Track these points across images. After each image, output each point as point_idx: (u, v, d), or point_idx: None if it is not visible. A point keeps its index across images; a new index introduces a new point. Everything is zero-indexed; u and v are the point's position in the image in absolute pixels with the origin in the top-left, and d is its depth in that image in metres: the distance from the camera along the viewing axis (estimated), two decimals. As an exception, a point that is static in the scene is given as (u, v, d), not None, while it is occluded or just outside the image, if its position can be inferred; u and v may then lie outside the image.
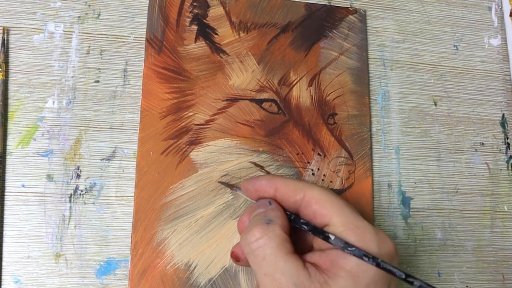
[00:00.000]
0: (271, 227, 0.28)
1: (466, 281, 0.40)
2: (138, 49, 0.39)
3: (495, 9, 0.48)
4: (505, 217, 0.42)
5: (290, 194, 0.30)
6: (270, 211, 0.29)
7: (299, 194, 0.29)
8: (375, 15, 0.45)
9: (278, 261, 0.27)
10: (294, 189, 0.29)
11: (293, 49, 0.41)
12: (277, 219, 0.29)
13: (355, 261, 0.27)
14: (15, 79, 0.37)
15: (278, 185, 0.30)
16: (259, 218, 0.29)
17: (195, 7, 0.41)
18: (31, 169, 0.36)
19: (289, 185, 0.30)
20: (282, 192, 0.30)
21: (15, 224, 0.35)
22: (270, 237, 0.28)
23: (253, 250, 0.28)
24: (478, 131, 0.44)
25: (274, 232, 0.28)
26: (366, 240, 0.27)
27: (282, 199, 0.30)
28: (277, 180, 0.30)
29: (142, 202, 0.36)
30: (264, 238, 0.28)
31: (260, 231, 0.28)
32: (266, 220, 0.29)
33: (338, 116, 0.41)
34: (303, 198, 0.29)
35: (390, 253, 0.28)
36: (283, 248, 0.27)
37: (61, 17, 0.39)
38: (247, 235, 0.28)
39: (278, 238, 0.28)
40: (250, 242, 0.28)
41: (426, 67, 0.44)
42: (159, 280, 0.35)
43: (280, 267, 0.27)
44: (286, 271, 0.27)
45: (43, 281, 0.34)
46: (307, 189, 0.29)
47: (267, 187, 0.30)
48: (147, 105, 0.38)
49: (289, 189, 0.30)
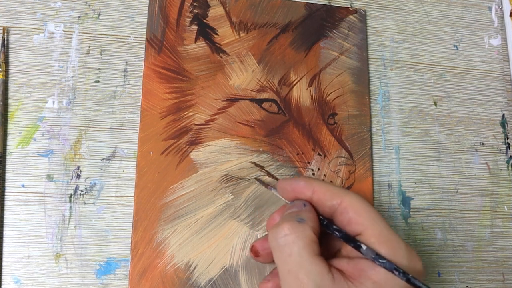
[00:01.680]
0: (302, 226, 0.28)
1: (466, 281, 0.40)
2: (138, 49, 0.39)
3: (495, 9, 0.48)
4: (505, 217, 0.42)
5: (328, 198, 0.29)
6: (303, 212, 0.29)
7: (337, 200, 0.29)
8: (375, 15, 0.45)
9: (303, 260, 0.27)
10: (332, 193, 0.29)
11: (293, 49, 0.41)
12: (309, 220, 0.29)
13: (384, 274, 0.27)
14: (15, 79, 0.37)
15: (316, 188, 0.30)
16: (292, 216, 0.29)
17: (195, 7, 0.41)
18: (31, 169, 0.36)
19: (328, 189, 0.30)
20: (320, 195, 0.30)
21: (15, 224, 0.35)
22: (299, 235, 0.27)
23: (280, 245, 0.28)
24: (478, 131, 0.44)
25: (304, 231, 0.28)
26: (397, 254, 0.27)
27: (318, 202, 0.30)
28: (315, 183, 0.30)
29: (142, 202, 0.36)
30: (293, 236, 0.27)
31: (290, 227, 0.28)
32: (298, 218, 0.28)
33: (338, 116, 0.41)
34: (340, 204, 0.29)
35: (418, 270, 0.28)
36: (310, 249, 0.27)
37: (61, 17, 0.39)
38: (277, 229, 0.28)
39: (307, 238, 0.27)
40: (278, 236, 0.28)
41: (426, 67, 0.44)
42: (159, 280, 0.35)
43: (305, 267, 0.27)
44: (311, 272, 0.26)
45: (43, 281, 0.34)
46: (345, 195, 0.29)
47: (305, 188, 0.30)
48: (147, 105, 0.38)
49: (327, 193, 0.29)
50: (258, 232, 0.37)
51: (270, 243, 0.29)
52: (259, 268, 0.36)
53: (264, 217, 0.37)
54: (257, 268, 0.36)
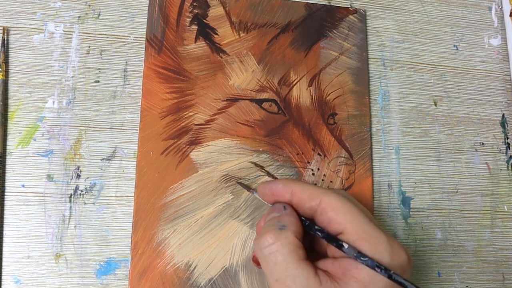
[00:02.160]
0: (284, 233, 0.28)
1: (466, 281, 0.40)
2: (138, 49, 0.39)
3: (495, 9, 0.48)
4: (505, 217, 0.42)
5: (306, 199, 0.29)
6: (284, 217, 0.29)
7: (315, 200, 0.29)
8: (375, 15, 0.45)
9: (289, 267, 0.27)
10: (310, 194, 0.29)
11: (293, 49, 0.41)
12: (291, 225, 0.29)
13: (367, 272, 0.27)
14: (15, 79, 0.37)
15: (294, 190, 0.30)
16: (273, 224, 0.29)
17: (195, 7, 0.41)
18: (31, 169, 0.36)
19: (306, 190, 0.30)
20: (299, 197, 0.30)
21: (15, 224, 0.35)
22: (283, 243, 0.28)
23: (265, 255, 0.28)
24: (478, 131, 0.44)
25: (287, 238, 0.28)
26: (379, 250, 0.27)
27: (298, 204, 0.30)
28: (294, 185, 0.30)
29: (142, 202, 0.36)
30: (277, 244, 0.28)
31: (273, 236, 0.28)
32: (280, 225, 0.28)
33: (338, 116, 0.41)
34: (319, 204, 0.29)
35: (402, 264, 0.28)
36: (295, 255, 0.27)
37: (61, 17, 0.39)
38: (260, 240, 0.28)
39: (290, 244, 0.28)
40: (262, 247, 0.28)
41: (426, 67, 0.44)
42: (159, 280, 0.35)
43: (291, 274, 0.27)
44: (297, 277, 0.27)
45: (43, 281, 0.34)
46: (324, 195, 0.29)
47: (284, 191, 0.30)
48: (147, 105, 0.38)
49: (305, 195, 0.29)
50: (258, 232, 0.37)
51: (256, 253, 0.29)
52: (259, 268, 0.36)
53: (264, 217, 0.37)
54: (257, 268, 0.36)
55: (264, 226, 0.30)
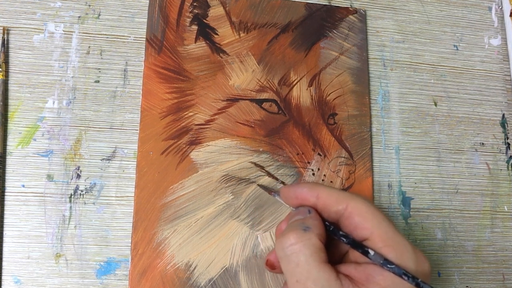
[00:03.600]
0: (308, 234, 0.28)
1: (466, 281, 0.40)
2: (138, 49, 0.39)
3: (495, 9, 0.48)
4: (505, 217, 0.42)
5: (333, 203, 0.29)
6: (308, 219, 0.29)
7: (342, 205, 0.29)
8: (375, 15, 0.45)
9: (311, 269, 0.27)
10: (337, 199, 0.29)
11: (293, 49, 0.41)
12: (315, 227, 0.28)
13: (392, 279, 0.26)
14: (15, 79, 0.37)
15: (320, 194, 0.30)
16: (296, 224, 0.29)
17: (195, 7, 0.41)
18: (31, 169, 0.36)
19: (332, 194, 0.29)
20: (324, 201, 0.29)
21: (15, 224, 0.35)
22: (306, 244, 0.27)
23: (287, 255, 0.28)
24: (478, 131, 0.44)
25: (310, 240, 0.27)
26: (404, 258, 0.27)
27: (323, 208, 0.30)
28: (319, 189, 0.30)
29: (142, 202, 0.36)
30: (300, 244, 0.27)
31: (296, 237, 0.28)
32: (304, 227, 0.28)
33: (338, 116, 0.41)
34: (345, 209, 0.29)
35: (425, 273, 0.28)
36: (317, 257, 0.27)
37: (61, 17, 0.39)
38: (283, 239, 0.28)
39: (313, 246, 0.27)
40: (285, 246, 0.28)
41: (426, 67, 0.44)
42: (159, 280, 0.35)
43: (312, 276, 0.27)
44: (319, 280, 0.26)
45: (43, 281, 0.34)
46: (350, 200, 0.29)
47: (309, 195, 0.30)
48: (147, 105, 0.38)
49: (331, 199, 0.29)
50: (258, 232, 0.37)
51: (277, 253, 0.29)
52: (259, 268, 0.36)
53: (264, 217, 0.37)
54: (257, 268, 0.36)
55: (287, 226, 0.29)
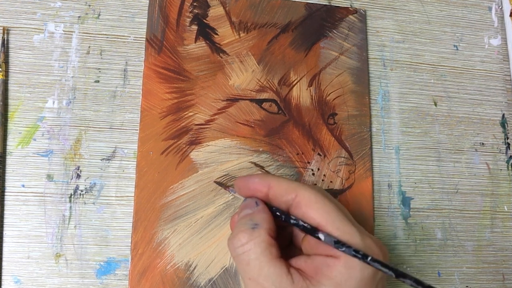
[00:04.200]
0: (257, 231, 0.28)
1: (466, 281, 0.40)
2: (138, 49, 0.39)
3: (495, 9, 0.48)
4: (505, 217, 0.42)
5: (283, 193, 0.29)
6: (256, 214, 0.29)
7: (291, 194, 0.29)
8: (375, 15, 0.45)
9: (262, 266, 0.27)
10: (286, 188, 0.29)
11: (293, 49, 0.41)
12: (263, 222, 0.29)
13: (339, 270, 0.27)
14: (15, 79, 0.37)
15: (271, 184, 0.30)
16: (245, 222, 0.29)
17: (195, 7, 0.41)
18: (31, 169, 0.36)
19: (282, 184, 0.30)
20: (275, 191, 0.30)
21: (15, 224, 0.35)
22: (255, 242, 0.28)
23: (238, 255, 0.28)
24: (478, 131, 0.44)
25: (260, 237, 0.28)
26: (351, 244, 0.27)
27: (275, 198, 0.30)
28: (270, 179, 0.30)
29: (142, 202, 0.36)
30: (250, 244, 0.28)
31: (246, 236, 0.28)
32: (252, 224, 0.29)
33: (338, 116, 0.41)
34: (294, 199, 0.29)
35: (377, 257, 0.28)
36: (267, 253, 0.27)
37: (61, 17, 0.39)
38: (234, 240, 0.28)
39: (263, 243, 0.28)
40: (236, 247, 0.28)
41: (426, 67, 0.44)
42: (159, 280, 0.35)
43: (264, 273, 0.27)
44: (270, 276, 0.27)
45: (43, 281, 0.34)
46: (299, 190, 0.29)
47: (260, 185, 0.30)
48: (147, 105, 0.38)
49: (281, 188, 0.29)
50: (258, 232, 0.37)
51: (230, 253, 0.29)
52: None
53: (264, 217, 0.37)
54: (257, 268, 0.36)
55: (236, 225, 0.30)
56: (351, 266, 0.27)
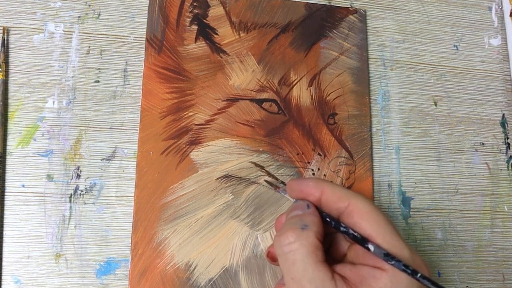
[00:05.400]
0: (306, 233, 0.28)
1: (466, 281, 0.40)
2: (138, 49, 0.39)
3: (495, 9, 0.48)
4: (505, 217, 0.42)
5: (335, 200, 0.29)
6: (307, 216, 0.29)
7: (344, 202, 0.29)
8: (375, 15, 0.45)
9: (307, 268, 0.27)
10: (340, 196, 0.29)
11: (293, 49, 0.41)
12: (313, 225, 0.28)
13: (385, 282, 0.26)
14: (15, 79, 0.37)
15: (325, 189, 0.30)
16: (295, 222, 0.29)
17: (195, 7, 0.41)
18: (31, 169, 0.36)
19: (336, 191, 0.29)
20: (328, 197, 0.30)
21: (15, 224, 0.35)
22: (303, 243, 0.27)
23: (284, 253, 0.28)
24: (478, 131, 0.44)
25: (308, 238, 0.28)
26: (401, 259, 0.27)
27: (326, 204, 0.30)
28: (324, 184, 0.30)
29: (142, 202, 0.36)
30: (297, 243, 0.27)
31: (294, 235, 0.28)
32: (302, 224, 0.28)
33: (338, 116, 0.41)
34: (346, 207, 0.29)
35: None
36: (314, 256, 0.27)
37: (61, 17, 0.39)
38: (281, 237, 0.28)
39: (310, 245, 0.27)
40: (282, 244, 0.28)
41: (426, 67, 0.44)
42: (159, 280, 0.35)
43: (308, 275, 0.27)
44: (313, 279, 0.27)
45: (43, 281, 0.34)
46: (353, 198, 0.29)
47: (314, 189, 0.30)
48: (147, 105, 0.38)
49: (335, 195, 0.29)
50: (258, 232, 0.37)
51: (276, 250, 0.29)
52: (259, 268, 0.36)
53: (264, 217, 0.37)
54: (257, 268, 0.36)
55: (285, 223, 0.29)
56: (398, 281, 0.26)
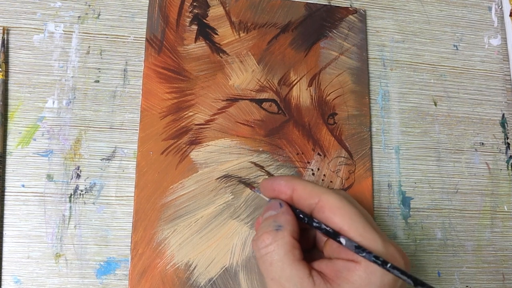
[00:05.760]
0: (281, 233, 0.28)
1: (466, 281, 0.40)
2: (138, 49, 0.39)
3: (495, 9, 0.48)
4: (505, 217, 0.42)
5: (306, 197, 0.30)
6: (280, 216, 0.30)
7: (315, 198, 0.29)
8: (375, 15, 0.45)
9: (285, 267, 0.27)
10: (310, 192, 0.30)
11: (293, 49, 0.41)
12: (287, 224, 0.29)
13: (359, 274, 0.27)
14: (15, 79, 0.37)
15: (296, 187, 0.30)
16: (269, 224, 0.29)
17: (195, 7, 0.41)
18: (31, 169, 0.36)
19: (307, 187, 0.30)
20: (299, 194, 0.30)
21: (15, 224, 0.35)
22: (279, 243, 0.28)
23: (262, 256, 0.28)
24: (478, 131, 0.44)
25: (283, 239, 0.28)
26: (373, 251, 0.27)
27: (298, 201, 0.30)
28: (295, 182, 0.30)
29: (142, 202, 0.36)
30: (273, 245, 0.28)
31: (269, 237, 0.28)
32: (276, 226, 0.29)
33: (338, 116, 0.41)
34: (317, 203, 0.29)
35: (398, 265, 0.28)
36: (290, 255, 0.28)
37: (61, 17, 0.39)
38: (258, 241, 0.29)
39: (286, 244, 0.28)
40: (259, 247, 0.29)
41: (426, 67, 0.44)
42: (159, 280, 0.35)
43: (286, 274, 0.27)
44: (292, 278, 0.27)
45: (43, 281, 0.34)
46: (323, 194, 0.29)
47: (285, 187, 0.31)
48: (147, 105, 0.38)
49: (305, 192, 0.30)
50: (258, 232, 0.37)
51: (255, 253, 0.29)
52: (259, 268, 0.36)
53: (264, 217, 0.37)
54: (257, 268, 0.36)
55: (260, 226, 0.30)
56: (371, 272, 0.27)
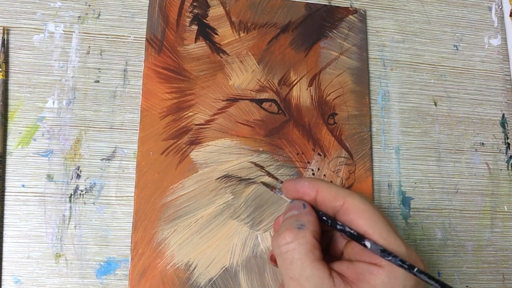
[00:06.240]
0: (302, 232, 0.28)
1: (466, 281, 0.40)
2: (138, 49, 0.39)
3: (495, 9, 0.48)
4: (505, 217, 0.42)
5: (331, 199, 0.29)
6: (303, 215, 0.29)
7: (339, 201, 0.29)
8: (375, 15, 0.45)
9: (305, 267, 0.27)
10: (335, 194, 0.29)
11: (293, 49, 0.41)
12: (309, 224, 0.29)
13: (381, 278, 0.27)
14: (15, 79, 0.37)
15: (320, 188, 0.30)
16: (291, 222, 0.29)
17: (195, 7, 0.41)
18: (31, 169, 0.36)
19: (331, 190, 0.30)
20: (323, 196, 0.30)
21: (15, 224, 0.35)
22: (300, 242, 0.28)
23: (282, 253, 0.28)
24: (478, 131, 0.44)
25: (305, 238, 0.28)
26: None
27: (322, 203, 0.30)
28: (319, 184, 0.30)
29: (142, 202, 0.36)
30: (294, 243, 0.28)
31: (291, 235, 0.28)
32: (298, 224, 0.29)
33: (338, 116, 0.41)
34: (342, 205, 0.29)
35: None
36: (311, 255, 0.27)
37: (61, 17, 0.39)
38: (278, 238, 0.28)
39: (308, 244, 0.28)
40: (280, 244, 0.28)
41: (426, 67, 0.44)
42: (159, 280, 0.35)
43: (306, 273, 0.27)
44: (312, 277, 0.27)
45: (43, 281, 0.34)
46: (348, 196, 0.29)
47: (309, 189, 0.30)
48: (147, 105, 0.38)
49: (330, 194, 0.30)
50: (258, 232, 0.37)
51: (274, 250, 0.29)
52: (259, 268, 0.36)
53: (264, 217, 0.37)
54: (257, 268, 0.36)
55: (282, 224, 0.30)
56: (394, 276, 0.27)
